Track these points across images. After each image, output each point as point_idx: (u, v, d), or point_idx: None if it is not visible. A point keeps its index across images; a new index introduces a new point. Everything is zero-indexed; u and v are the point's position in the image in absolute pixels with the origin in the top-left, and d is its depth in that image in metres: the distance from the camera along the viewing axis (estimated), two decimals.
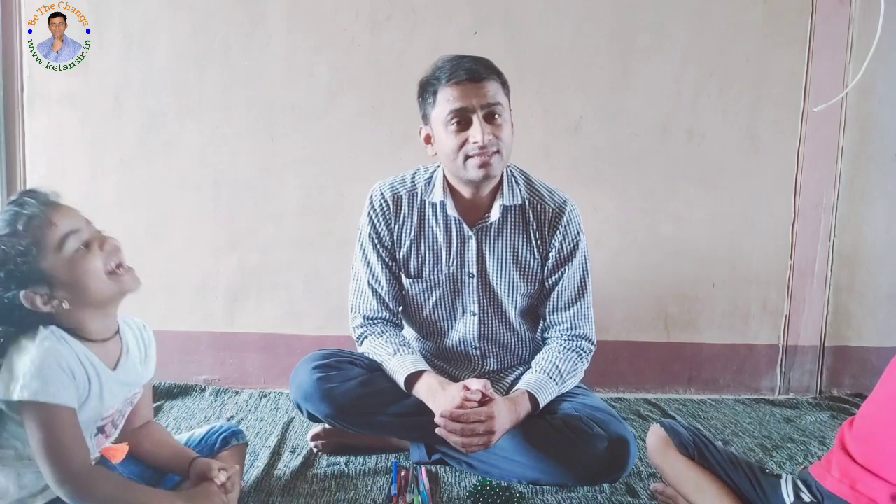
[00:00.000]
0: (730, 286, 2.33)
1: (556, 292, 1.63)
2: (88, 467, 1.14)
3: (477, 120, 1.44)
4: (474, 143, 1.44)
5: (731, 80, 2.25)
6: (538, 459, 1.46)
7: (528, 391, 1.50)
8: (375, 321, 1.66)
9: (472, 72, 1.45)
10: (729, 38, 2.24)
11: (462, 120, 1.45)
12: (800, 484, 1.22)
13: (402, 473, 1.58)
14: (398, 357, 1.56)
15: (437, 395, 1.46)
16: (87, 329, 1.18)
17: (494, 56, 1.64)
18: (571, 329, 1.63)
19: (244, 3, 2.17)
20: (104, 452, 1.23)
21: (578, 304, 1.63)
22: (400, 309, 1.72)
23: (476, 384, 1.42)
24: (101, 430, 1.23)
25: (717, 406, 2.23)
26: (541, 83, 2.21)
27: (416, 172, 1.67)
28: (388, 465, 1.63)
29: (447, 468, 1.63)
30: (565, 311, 1.63)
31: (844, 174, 2.31)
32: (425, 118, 1.55)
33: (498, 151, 1.47)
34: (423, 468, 1.61)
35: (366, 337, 1.64)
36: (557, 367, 1.55)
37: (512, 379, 1.69)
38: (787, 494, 1.21)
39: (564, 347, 1.60)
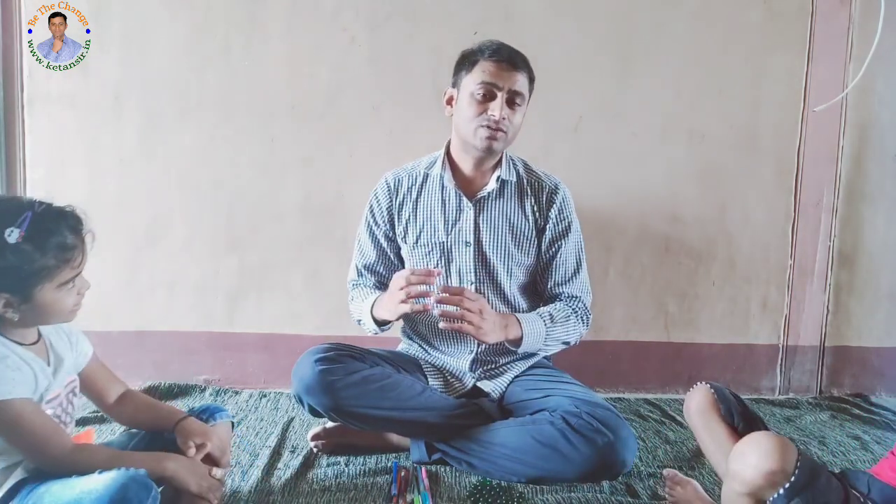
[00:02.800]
0: (730, 286, 2.33)
1: (554, 266, 1.73)
2: (69, 449, 1.17)
3: (500, 98, 1.58)
4: (491, 114, 1.58)
5: (731, 80, 2.25)
6: (539, 457, 1.47)
7: (512, 314, 1.63)
8: (365, 282, 1.83)
9: (512, 58, 1.60)
10: (729, 38, 2.24)
11: (488, 93, 1.59)
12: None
13: (402, 473, 1.58)
14: (370, 300, 1.68)
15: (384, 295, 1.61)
16: (19, 332, 1.20)
17: None
18: (571, 298, 1.73)
19: (244, 3, 2.17)
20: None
21: (577, 277, 1.75)
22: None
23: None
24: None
25: None
26: (541, 83, 2.19)
27: (420, 160, 1.79)
28: (388, 465, 1.63)
29: (447, 468, 1.63)
30: (564, 284, 1.73)
31: (844, 174, 2.31)
32: (455, 83, 1.67)
33: (505, 132, 1.61)
34: (423, 468, 1.61)
35: (357, 286, 1.81)
36: (549, 312, 1.66)
37: (505, 368, 1.72)
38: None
39: (561, 303, 1.71)
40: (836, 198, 2.31)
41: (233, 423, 1.47)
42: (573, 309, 1.70)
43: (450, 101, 1.69)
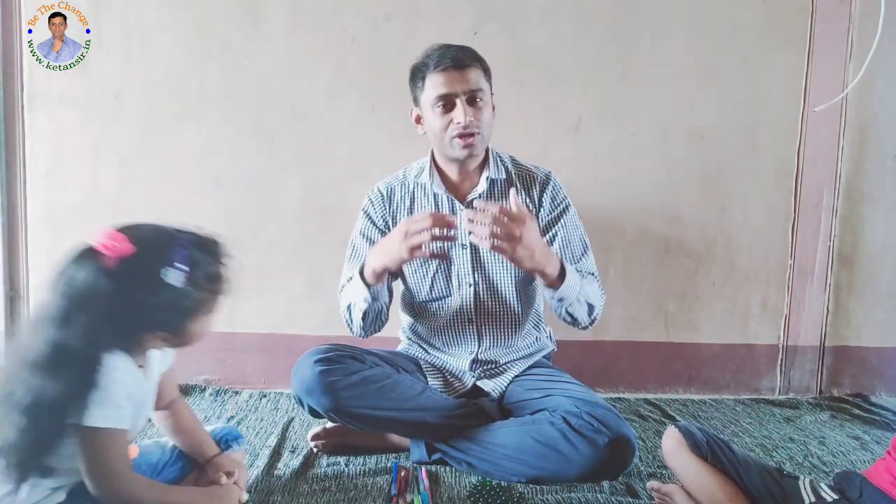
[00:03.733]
0: (730, 286, 2.33)
1: (558, 248, 1.69)
2: (129, 483, 1.17)
3: (460, 104, 1.57)
4: (457, 123, 1.57)
5: (731, 80, 2.26)
6: (539, 457, 1.47)
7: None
8: None
9: (457, 60, 1.57)
10: (729, 38, 2.24)
11: (447, 103, 1.58)
12: (822, 485, 1.22)
13: (402, 473, 1.58)
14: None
15: (387, 238, 1.54)
16: (141, 357, 1.21)
17: (494, 56, 1.68)
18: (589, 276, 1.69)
19: (244, 3, 2.17)
20: None
21: (586, 256, 1.72)
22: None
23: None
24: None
25: (717, 406, 2.23)
26: (541, 83, 2.21)
27: (407, 168, 1.78)
28: (388, 465, 1.63)
29: (447, 468, 1.63)
30: (577, 263, 1.69)
31: (844, 174, 2.31)
32: (415, 101, 1.68)
33: (479, 133, 1.60)
34: (423, 468, 1.61)
35: (344, 286, 1.72)
36: (578, 270, 1.62)
37: (505, 367, 1.72)
38: (807, 495, 1.21)
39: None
40: (836, 198, 2.31)
41: (245, 450, 1.51)
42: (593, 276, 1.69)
43: (418, 120, 1.69)
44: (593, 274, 1.71)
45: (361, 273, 1.58)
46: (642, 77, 2.24)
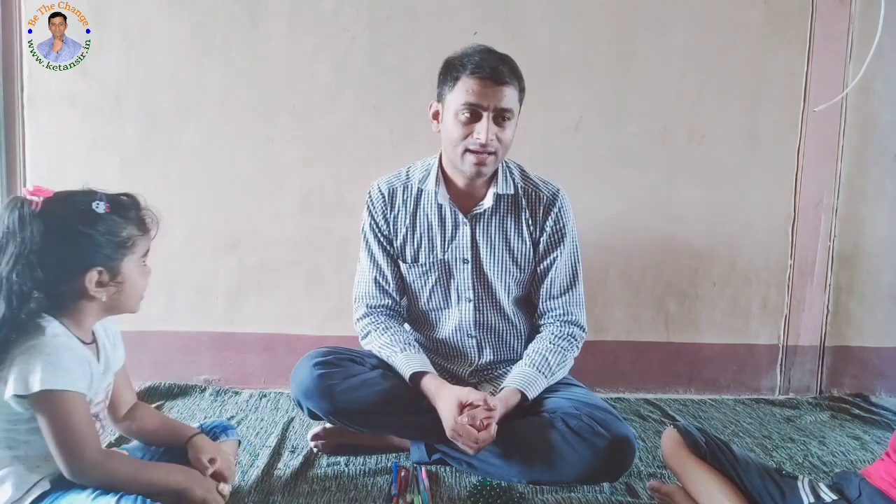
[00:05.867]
0: (730, 286, 2.33)
1: (549, 279, 1.67)
2: (102, 452, 1.17)
3: (486, 119, 1.48)
4: (477, 138, 1.49)
5: (731, 80, 2.25)
6: (539, 459, 1.47)
7: (517, 389, 1.53)
8: (379, 311, 1.70)
9: (496, 73, 1.48)
10: (729, 38, 2.24)
11: (473, 114, 1.49)
12: (821, 485, 1.22)
13: (402, 473, 1.58)
14: (405, 354, 1.59)
15: (437, 400, 1.51)
16: (83, 329, 1.21)
17: None
18: (564, 315, 1.67)
19: (244, 3, 2.17)
20: None
21: (571, 291, 1.68)
22: (402, 300, 1.75)
23: (474, 395, 1.46)
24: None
25: (717, 406, 2.23)
26: (541, 83, 2.19)
27: (410, 167, 1.72)
28: (388, 465, 1.63)
29: (447, 468, 1.63)
30: (558, 297, 1.67)
31: (844, 174, 2.31)
32: (440, 97, 1.58)
33: (495, 153, 1.52)
34: (423, 468, 1.61)
35: (369, 332, 1.67)
36: (547, 359, 1.59)
37: (504, 372, 1.71)
38: (806, 495, 1.21)
39: (556, 336, 1.64)
40: (836, 198, 2.31)
41: (239, 441, 1.49)
42: (568, 341, 1.64)
43: (436, 116, 1.60)
44: (571, 313, 1.66)
45: (413, 372, 1.56)
46: (642, 77, 2.24)
